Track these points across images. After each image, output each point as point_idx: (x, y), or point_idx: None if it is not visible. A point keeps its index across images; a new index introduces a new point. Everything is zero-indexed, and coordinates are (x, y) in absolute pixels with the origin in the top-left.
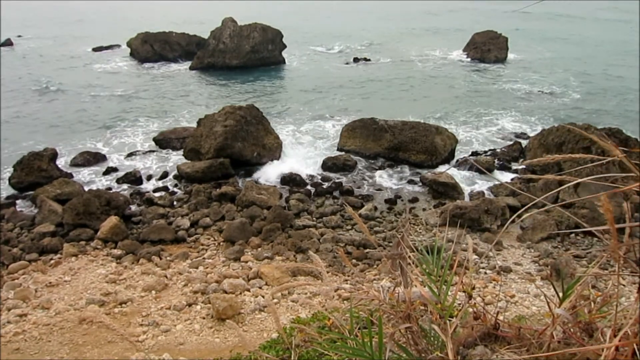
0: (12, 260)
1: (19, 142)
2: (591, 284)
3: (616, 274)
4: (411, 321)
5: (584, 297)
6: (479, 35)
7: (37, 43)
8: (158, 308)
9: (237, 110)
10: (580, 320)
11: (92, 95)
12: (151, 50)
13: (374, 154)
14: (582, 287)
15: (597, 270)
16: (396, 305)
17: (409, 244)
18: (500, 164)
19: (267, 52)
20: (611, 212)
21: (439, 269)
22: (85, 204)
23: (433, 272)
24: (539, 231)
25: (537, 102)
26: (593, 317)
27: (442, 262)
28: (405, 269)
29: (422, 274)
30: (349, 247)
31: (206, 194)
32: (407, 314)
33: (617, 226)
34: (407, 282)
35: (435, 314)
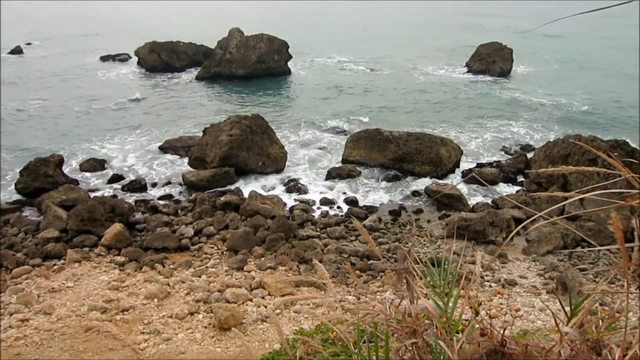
0: (15, 265)
1: (25, 147)
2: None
3: (625, 292)
4: (417, 336)
5: (591, 312)
6: (484, 47)
7: (46, 51)
8: (160, 316)
9: (243, 119)
10: (588, 337)
11: (98, 103)
12: (158, 59)
13: (378, 164)
14: (589, 304)
15: (605, 288)
16: (402, 320)
17: (415, 257)
18: (505, 175)
19: (273, 63)
20: (621, 231)
21: (445, 283)
22: (90, 210)
23: (439, 286)
24: (544, 244)
25: (543, 113)
26: (601, 334)
27: (448, 276)
28: (412, 284)
29: (428, 287)
30: (352, 258)
31: (210, 203)
32: (413, 329)
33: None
34: (413, 296)
35: (440, 329)
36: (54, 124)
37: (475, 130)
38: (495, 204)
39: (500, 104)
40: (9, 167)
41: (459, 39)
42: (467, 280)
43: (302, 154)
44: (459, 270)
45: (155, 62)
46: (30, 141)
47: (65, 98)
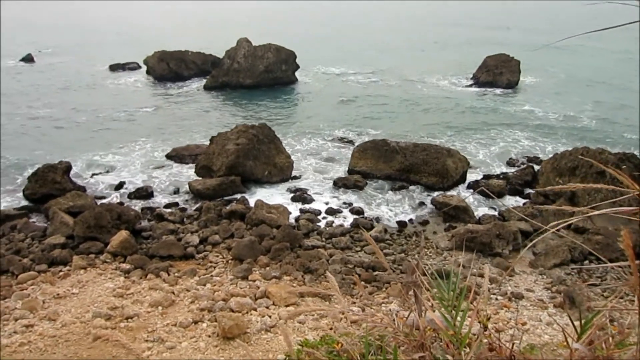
0: (22, 271)
1: (34, 154)
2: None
3: (636, 309)
4: (424, 350)
5: (601, 328)
6: (490, 58)
7: (57, 59)
8: (164, 324)
9: (250, 129)
10: (598, 355)
11: (107, 112)
12: (167, 69)
13: (384, 175)
14: (599, 320)
15: (615, 304)
16: (410, 334)
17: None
18: (512, 187)
19: (281, 72)
20: (632, 248)
21: (453, 297)
22: (97, 217)
23: (447, 299)
24: (551, 257)
25: (550, 126)
26: (611, 351)
27: (456, 289)
28: (420, 297)
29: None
30: (357, 268)
31: (216, 211)
32: (420, 342)
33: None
34: (421, 310)
35: (448, 343)
36: (63, 131)
37: (481, 142)
38: (502, 216)
39: (507, 115)
40: (18, 173)
41: (467, 50)
42: (475, 293)
43: (308, 163)
44: (467, 284)
45: (164, 71)
46: (39, 148)
47: (75, 106)
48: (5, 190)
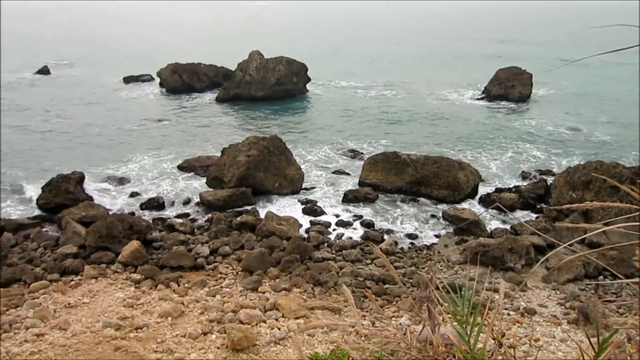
0: (34, 280)
1: (48, 164)
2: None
3: None
4: None
5: (617, 345)
6: (502, 71)
7: (72, 71)
8: (173, 335)
9: (261, 140)
10: None
11: (120, 123)
12: (180, 81)
13: (395, 187)
14: (616, 338)
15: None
16: (422, 349)
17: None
18: (524, 201)
19: (292, 85)
20: None
21: (467, 312)
22: (109, 227)
23: (461, 315)
24: (565, 272)
25: (563, 139)
26: None
27: (470, 305)
28: (433, 312)
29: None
30: (367, 281)
31: (227, 223)
32: (433, 358)
33: None
34: (434, 325)
35: (462, 359)
36: (76, 142)
37: (493, 155)
38: (514, 230)
39: (518, 129)
40: (31, 183)
41: (478, 63)
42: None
43: (319, 175)
44: (481, 299)
45: (177, 83)
46: (52, 159)
47: (88, 118)
48: (19, 199)
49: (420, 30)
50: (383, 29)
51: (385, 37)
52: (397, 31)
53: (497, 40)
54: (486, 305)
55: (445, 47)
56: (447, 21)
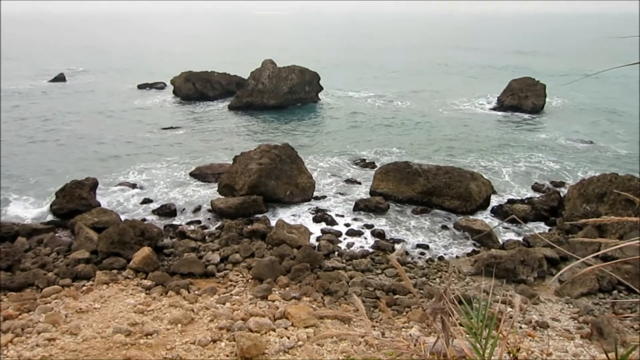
0: (46, 284)
1: (62, 170)
2: None
3: None
4: None
5: None
6: (516, 82)
7: (88, 78)
8: (183, 342)
9: (273, 149)
10: None
11: (134, 130)
12: (193, 89)
13: (406, 197)
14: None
15: None
16: None
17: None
18: (537, 213)
19: (304, 94)
20: None
21: (482, 325)
22: (120, 233)
23: (475, 328)
24: (578, 286)
25: (576, 150)
26: None
27: (485, 317)
28: (447, 324)
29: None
30: (378, 291)
31: (237, 230)
32: None
33: None
34: (448, 337)
35: None
36: (91, 149)
37: (506, 166)
38: (527, 242)
39: (531, 140)
40: (45, 188)
41: (491, 73)
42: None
43: (330, 184)
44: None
45: (190, 91)
46: (66, 165)
47: (103, 125)
48: (32, 204)
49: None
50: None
51: (398, 45)
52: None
53: (514, 52)
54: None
55: (459, 57)
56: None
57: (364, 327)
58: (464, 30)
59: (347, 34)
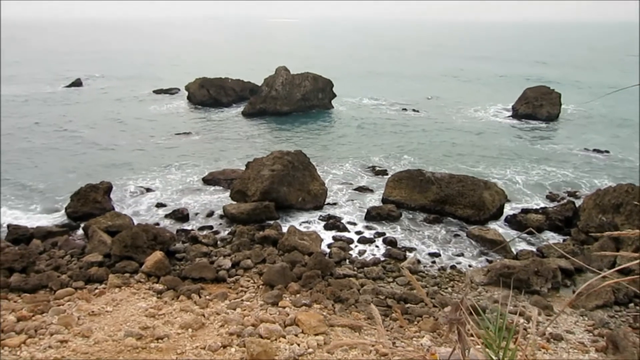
0: (59, 287)
1: (77, 174)
2: None
3: None
4: None
5: None
6: (531, 90)
7: (104, 84)
8: (193, 347)
9: (285, 155)
10: None
11: (148, 136)
12: (207, 95)
13: (419, 206)
14: None
15: None
16: None
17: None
18: (551, 223)
19: (317, 101)
20: None
21: (501, 337)
22: (133, 237)
23: (493, 339)
24: (593, 298)
25: (592, 160)
26: None
27: (503, 329)
28: (464, 335)
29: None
30: (389, 300)
31: (249, 236)
32: None
33: None
34: (464, 349)
35: None
36: (105, 153)
37: (519, 175)
38: (541, 252)
39: (546, 149)
40: (60, 192)
41: (505, 82)
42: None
43: (342, 191)
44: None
45: (204, 97)
46: (81, 169)
47: (118, 129)
48: (47, 208)
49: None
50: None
51: (410, 53)
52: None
53: (534, 62)
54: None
55: (472, 66)
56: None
57: (380, 336)
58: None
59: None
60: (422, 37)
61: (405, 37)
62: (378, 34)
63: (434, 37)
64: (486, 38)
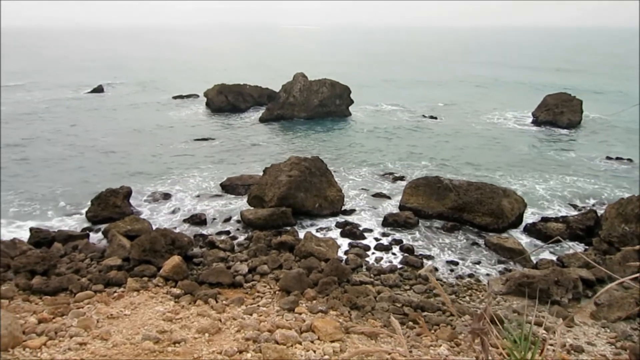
0: (79, 289)
1: (97, 179)
2: None
3: None
4: None
5: None
6: (551, 97)
7: (124, 90)
8: (210, 351)
9: (302, 161)
10: None
11: (168, 141)
12: (225, 101)
13: (436, 213)
14: None
15: None
16: None
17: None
18: (572, 232)
19: (335, 107)
20: None
21: (526, 348)
22: (152, 241)
23: (520, 353)
24: (615, 309)
25: (614, 168)
26: None
27: (528, 340)
28: (487, 345)
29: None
30: (405, 308)
31: (266, 242)
32: None
33: None
34: (488, 358)
35: None
36: (125, 158)
37: (539, 182)
38: (561, 262)
39: (566, 156)
40: (81, 196)
41: (525, 89)
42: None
43: (359, 197)
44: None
45: (222, 103)
46: (102, 174)
47: (138, 134)
48: (68, 212)
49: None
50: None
51: (428, 60)
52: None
53: (551, 69)
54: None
55: (491, 73)
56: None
57: (399, 345)
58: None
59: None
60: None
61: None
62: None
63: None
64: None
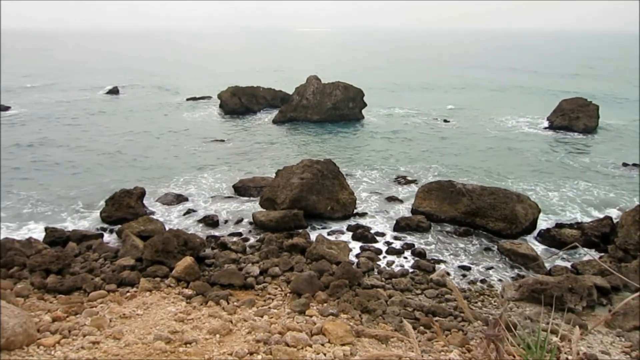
0: (93, 289)
1: (112, 180)
2: None
3: None
4: None
5: None
6: (567, 102)
7: (139, 91)
8: (220, 352)
9: (315, 164)
10: None
11: (181, 143)
12: (239, 103)
13: (449, 217)
14: None
15: None
16: None
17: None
18: (587, 239)
19: (348, 110)
20: None
21: (542, 355)
22: (165, 242)
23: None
24: (631, 318)
25: (631, 175)
26: None
27: (545, 347)
28: (502, 352)
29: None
30: (417, 312)
31: (277, 244)
32: None
33: None
34: None
35: None
36: (139, 159)
37: (553, 188)
38: (575, 269)
39: (581, 161)
40: (96, 197)
41: (540, 94)
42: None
43: (372, 200)
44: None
45: (236, 105)
46: (116, 175)
47: (152, 135)
48: (83, 213)
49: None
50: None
51: (442, 64)
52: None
53: (564, 74)
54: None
55: (503, 77)
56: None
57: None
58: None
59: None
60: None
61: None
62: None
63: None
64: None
